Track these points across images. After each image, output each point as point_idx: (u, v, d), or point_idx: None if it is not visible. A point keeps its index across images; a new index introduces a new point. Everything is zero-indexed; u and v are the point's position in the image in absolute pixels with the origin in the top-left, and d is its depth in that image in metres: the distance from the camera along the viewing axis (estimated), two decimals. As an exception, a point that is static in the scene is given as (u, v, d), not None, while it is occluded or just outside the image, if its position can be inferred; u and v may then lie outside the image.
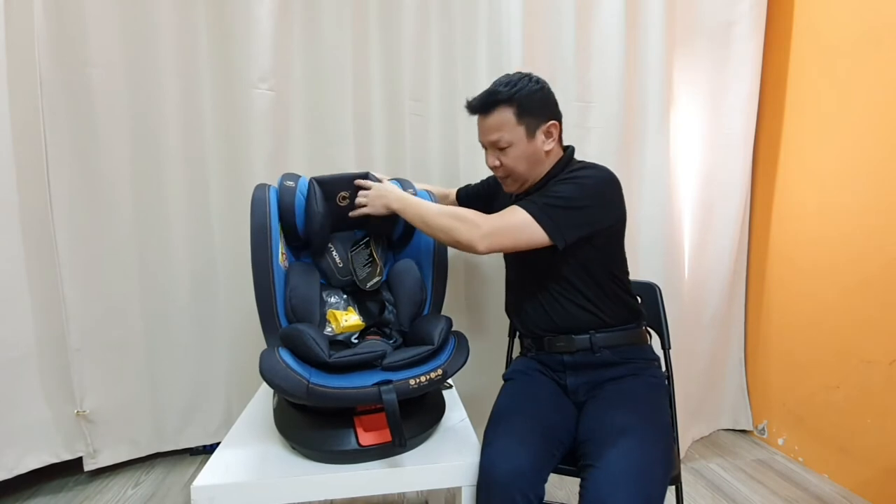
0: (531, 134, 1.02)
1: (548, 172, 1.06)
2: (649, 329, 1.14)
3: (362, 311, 1.09)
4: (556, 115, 1.06)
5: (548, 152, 1.05)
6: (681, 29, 1.66)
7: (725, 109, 1.72)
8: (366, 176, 1.10)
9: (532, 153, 1.03)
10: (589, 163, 1.06)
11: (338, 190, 1.08)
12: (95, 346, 1.46)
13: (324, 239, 1.08)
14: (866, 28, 1.45)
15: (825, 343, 1.58)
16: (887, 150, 1.40)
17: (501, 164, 1.05)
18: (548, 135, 1.04)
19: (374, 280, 1.11)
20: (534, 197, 1.00)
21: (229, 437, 0.93)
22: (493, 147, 1.04)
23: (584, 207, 0.98)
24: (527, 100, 1.01)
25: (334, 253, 1.11)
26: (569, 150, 1.10)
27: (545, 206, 0.96)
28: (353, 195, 1.09)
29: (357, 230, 1.16)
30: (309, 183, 1.05)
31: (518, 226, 0.96)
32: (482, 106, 1.03)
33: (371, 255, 1.12)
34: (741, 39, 1.68)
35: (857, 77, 1.48)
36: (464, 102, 1.59)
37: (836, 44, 1.54)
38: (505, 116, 1.01)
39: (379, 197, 1.06)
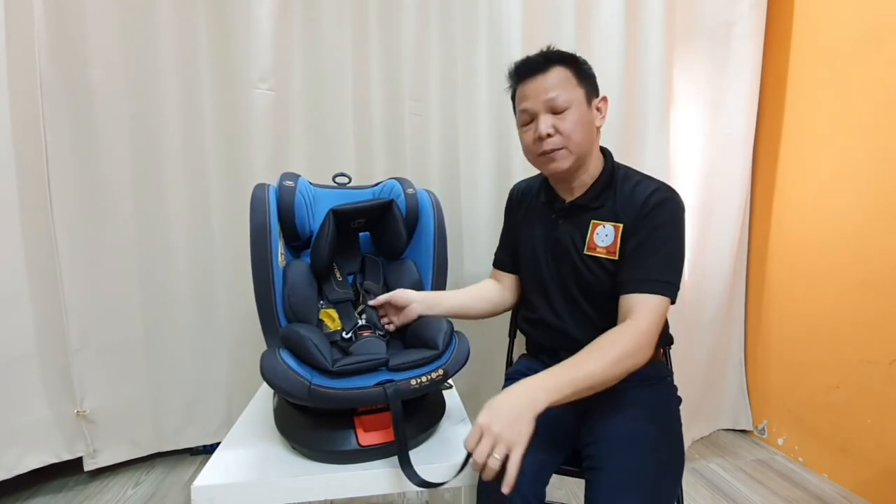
0: (588, 101, 0.92)
1: (595, 183, 0.96)
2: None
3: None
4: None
5: (598, 129, 0.96)
6: (681, 29, 1.66)
7: (725, 109, 1.72)
8: (389, 205, 1.02)
9: (589, 123, 0.92)
10: (649, 180, 0.94)
11: (354, 219, 1.05)
12: (95, 347, 1.46)
13: (329, 263, 1.05)
14: (866, 28, 1.45)
15: (825, 343, 1.58)
16: (887, 150, 1.40)
17: (557, 131, 0.90)
18: (598, 110, 0.95)
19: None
20: (648, 268, 0.87)
21: (229, 437, 0.93)
22: (547, 110, 0.90)
23: (683, 248, 0.91)
24: (584, 65, 0.93)
25: (336, 269, 1.08)
26: (609, 156, 1.00)
27: (667, 273, 0.87)
28: (369, 220, 1.07)
29: (361, 234, 1.15)
30: (326, 215, 1.02)
31: (660, 314, 0.86)
32: (539, 63, 0.91)
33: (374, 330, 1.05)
34: (741, 39, 1.68)
35: (857, 77, 1.48)
36: (464, 102, 1.58)
37: (835, 44, 1.54)
38: (565, 73, 0.90)
39: (510, 424, 0.67)
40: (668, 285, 0.87)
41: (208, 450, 1.66)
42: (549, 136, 0.91)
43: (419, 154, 1.57)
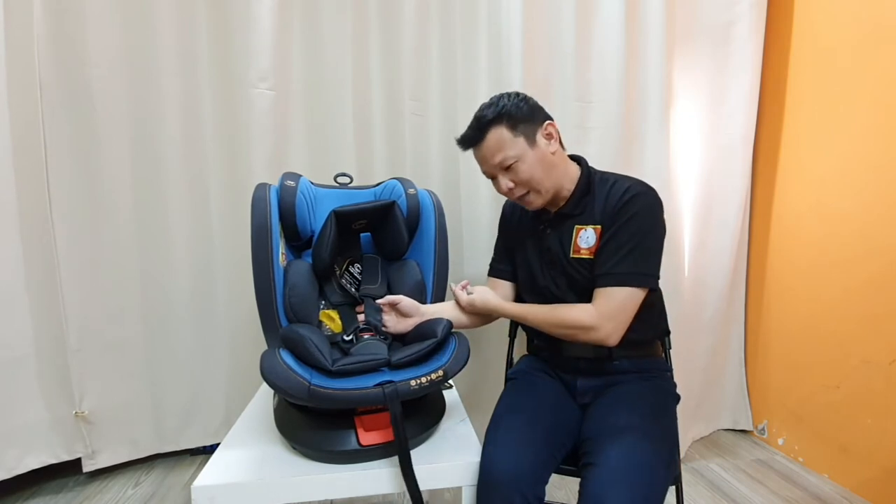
0: (532, 141, 0.98)
1: (574, 192, 1.03)
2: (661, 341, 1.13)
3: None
4: (548, 116, 1.03)
5: (554, 154, 1.01)
6: (681, 29, 1.66)
7: (725, 109, 1.72)
8: (390, 207, 1.06)
9: (541, 159, 0.99)
10: (624, 179, 1.01)
11: (356, 220, 1.06)
12: (95, 346, 1.46)
13: (331, 264, 1.06)
14: (866, 29, 1.45)
15: (825, 343, 1.58)
16: (887, 150, 1.40)
17: (516, 183, 0.99)
18: (548, 136, 1.01)
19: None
20: (612, 262, 0.95)
21: (229, 437, 0.93)
22: (500, 170, 1.00)
23: (658, 238, 0.98)
24: (514, 110, 0.98)
25: (337, 271, 1.09)
26: (584, 163, 1.07)
27: (631, 265, 0.94)
28: (370, 222, 1.08)
29: (363, 234, 1.15)
30: (328, 216, 1.02)
31: (628, 303, 0.94)
32: (474, 134, 1.00)
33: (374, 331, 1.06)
34: (741, 39, 1.68)
35: (856, 78, 1.48)
36: (464, 103, 1.59)
37: (835, 45, 1.54)
38: (500, 134, 0.97)
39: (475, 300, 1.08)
40: (630, 276, 0.94)
41: (208, 450, 1.66)
42: (510, 189, 1.01)
43: (419, 154, 1.57)
